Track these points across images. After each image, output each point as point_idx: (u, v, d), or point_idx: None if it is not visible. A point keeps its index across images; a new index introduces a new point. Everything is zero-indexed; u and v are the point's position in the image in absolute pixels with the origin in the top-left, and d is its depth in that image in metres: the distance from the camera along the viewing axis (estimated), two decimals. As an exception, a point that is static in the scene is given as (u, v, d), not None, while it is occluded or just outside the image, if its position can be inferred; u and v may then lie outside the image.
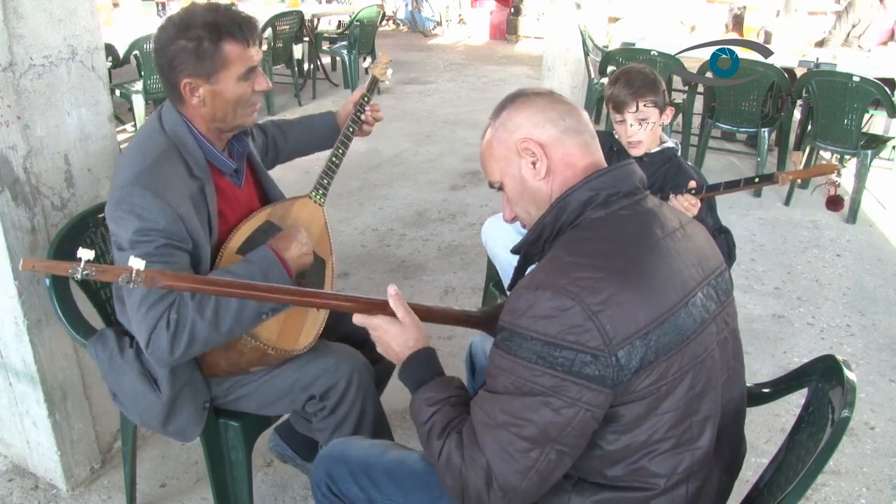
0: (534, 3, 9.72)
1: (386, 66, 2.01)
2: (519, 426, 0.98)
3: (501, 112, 1.17)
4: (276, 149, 1.92)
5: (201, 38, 1.38)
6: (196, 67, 1.40)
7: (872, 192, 4.29)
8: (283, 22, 5.82)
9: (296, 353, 1.56)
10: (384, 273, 3.32)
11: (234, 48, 1.41)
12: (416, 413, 1.13)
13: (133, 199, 1.36)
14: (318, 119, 1.97)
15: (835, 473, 2.15)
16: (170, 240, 1.37)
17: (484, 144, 1.19)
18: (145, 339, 1.35)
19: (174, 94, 1.46)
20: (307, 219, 1.67)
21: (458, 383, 1.17)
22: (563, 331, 0.95)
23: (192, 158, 1.46)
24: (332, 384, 1.57)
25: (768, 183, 1.82)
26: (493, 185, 1.21)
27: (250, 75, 1.45)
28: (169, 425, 1.52)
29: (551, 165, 1.12)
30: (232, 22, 1.40)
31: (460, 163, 4.86)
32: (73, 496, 1.99)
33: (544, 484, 1.02)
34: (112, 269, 1.04)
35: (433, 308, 1.30)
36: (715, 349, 1.08)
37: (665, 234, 1.07)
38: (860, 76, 3.69)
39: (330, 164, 1.77)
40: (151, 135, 1.46)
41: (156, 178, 1.38)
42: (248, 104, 1.49)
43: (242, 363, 1.54)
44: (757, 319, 2.98)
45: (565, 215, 1.09)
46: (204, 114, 1.47)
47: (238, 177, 1.60)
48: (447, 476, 1.05)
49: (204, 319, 1.35)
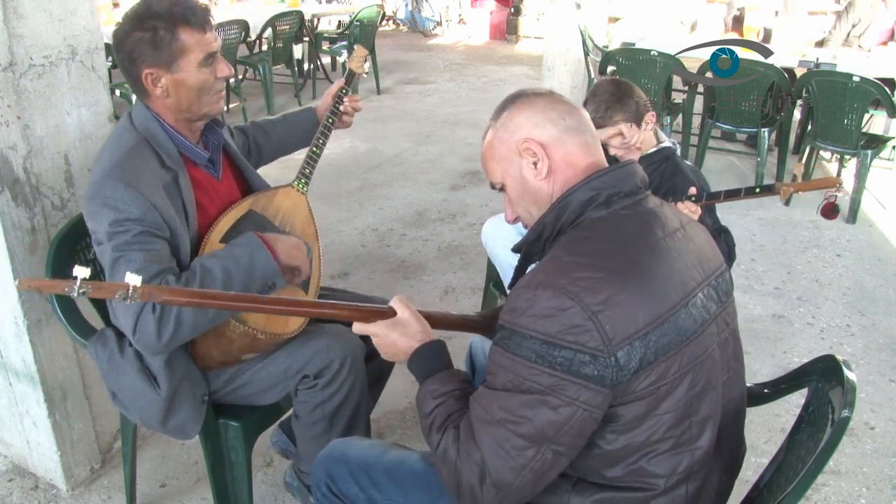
0: (534, 3, 9.72)
1: (363, 60, 2.01)
2: (516, 423, 0.98)
3: (502, 113, 1.17)
4: (259, 148, 1.93)
5: (156, 27, 1.39)
6: (155, 57, 1.41)
7: (872, 192, 4.29)
8: (283, 22, 5.82)
9: (286, 336, 1.56)
10: (384, 273, 3.32)
11: (191, 35, 1.42)
12: (420, 404, 1.14)
13: (105, 191, 1.37)
14: (299, 115, 1.98)
15: (835, 473, 2.15)
16: (146, 227, 1.37)
17: (485, 145, 1.19)
18: (132, 326, 1.35)
19: (138, 88, 1.47)
20: (290, 207, 1.69)
21: (463, 377, 1.17)
22: (562, 330, 0.95)
23: (164, 150, 1.47)
24: (326, 364, 1.59)
25: (769, 194, 1.84)
26: (494, 185, 1.21)
27: (210, 61, 1.46)
28: (168, 422, 1.53)
29: (552, 165, 1.12)
30: (186, 9, 1.41)
31: (460, 163, 4.86)
32: (73, 496, 1.99)
33: (538, 483, 1.02)
34: (108, 287, 1.03)
35: (431, 314, 1.30)
36: (715, 350, 1.08)
37: (666, 235, 1.07)
38: (860, 76, 3.69)
39: (311, 154, 1.78)
40: (122, 133, 1.48)
41: (126, 170, 1.39)
42: (212, 91, 1.50)
43: (234, 350, 1.54)
44: (757, 319, 2.98)
45: (566, 215, 1.09)
46: (169, 104, 1.48)
47: (214, 168, 1.60)
48: (443, 469, 1.06)
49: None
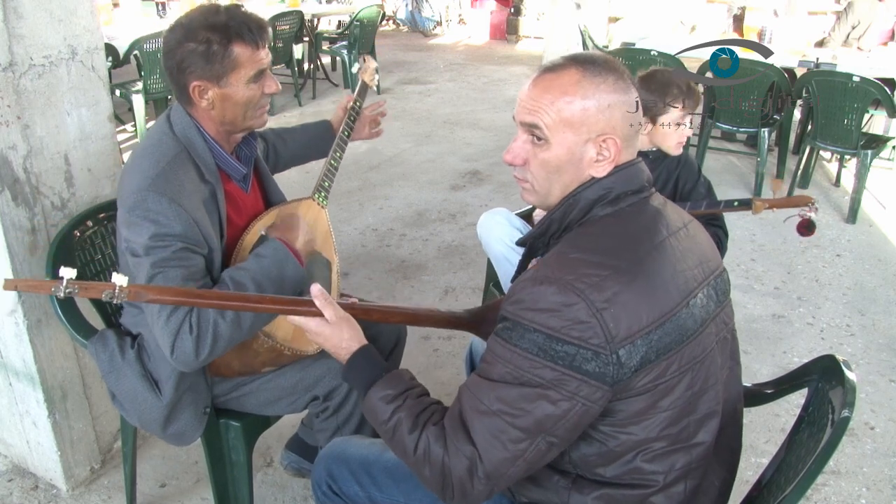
0: (534, 3, 9.72)
1: (374, 72, 2.01)
2: (514, 415, 0.97)
3: (603, 72, 1.03)
4: (277, 155, 1.91)
5: (210, 40, 1.37)
6: (205, 70, 1.39)
7: (872, 192, 4.29)
8: (283, 22, 5.82)
9: (308, 353, 1.56)
10: (384, 273, 3.32)
11: (244, 51, 1.39)
12: (372, 412, 1.10)
13: (148, 204, 1.34)
14: (315, 127, 1.97)
15: (835, 473, 2.15)
16: (186, 244, 1.35)
17: (557, 84, 1.03)
18: (169, 346, 1.33)
19: (183, 97, 1.45)
20: (312, 221, 1.68)
21: (409, 376, 1.15)
22: (566, 325, 0.95)
23: (203, 162, 1.45)
24: (336, 385, 1.57)
25: (745, 209, 1.86)
26: (526, 124, 1.06)
27: (260, 78, 1.44)
28: (168, 428, 1.52)
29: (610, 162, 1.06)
30: (241, 24, 1.39)
31: (460, 163, 4.86)
32: (73, 496, 1.99)
33: (529, 471, 1.02)
34: (95, 286, 1.02)
35: (419, 311, 1.29)
36: (714, 349, 1.08)
37: (670, 234, 1.07)
38: (860, 76, 3.69)
39: (329, 167, 1.77)
40: (162, 138, 1.44)
41: (170, 182, 1.36)
42: (258, 107, 1.48)
43: (256, 364, 1.54)
44: (757, 319, 2.98)
45: (574, 212, 1.08)
46: (213, 116, 1.45)
47: (245, 182, 1.59)
48: (425, 468, 1.03)
49: (226, 319, 1.34)
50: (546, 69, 1.07)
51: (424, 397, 1.12)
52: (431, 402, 1.11)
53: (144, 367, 1.50)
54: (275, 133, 1.93)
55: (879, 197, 4.32)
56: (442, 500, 1.05)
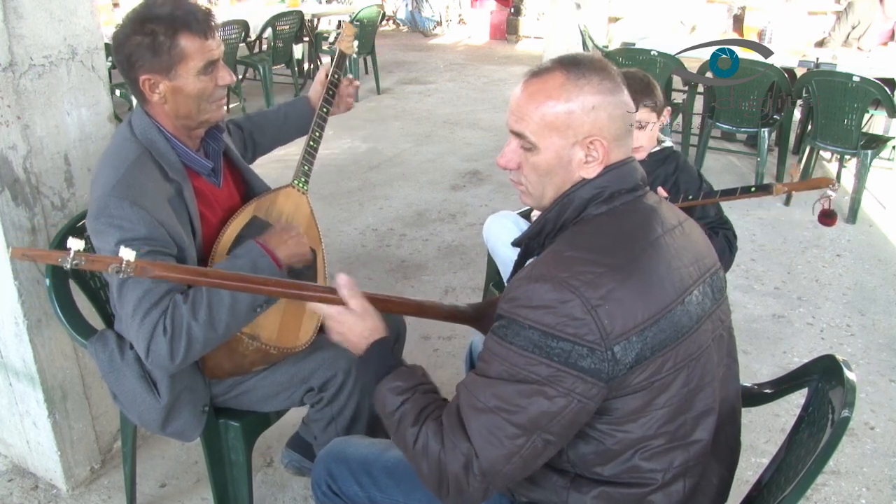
0: (534, 3, 9.71)
1: (351, 39, 1.90)
2: (510, 412, 0.98)
3: (587, 74, 1.04)
4: (255, 143, 1.89)
5: (156, 32, 1.35)
6: (153, 63, 1.37)
7: (872, 192, 4.28)
8: (283, 22, 5.82)
9: (297, 349, 1.57)
10: (384, 273, 3.32)
11: (191, 41, 1.37)
12: (381, 403, 1.11)
13: (111, 210, 1.33)
14: (293, 106, 1.92)
15: (835, 473, 2.15)
16: (153, 246, 1.34)
17: (540, 91, 1.05)
18: (144, 349, 1.34)
19: (136, 93, 1.44)
20: (292, 209, 1.65)
21: (422, 372, 1.16)
22: (561, 322, 0.95)
23: (166, 161, 1.43)
24: (330, 376, 1.58)
25: (764, 193, 1.85)
26: (515, 132, 1.08)
27: (211, 69, 1.42)
28: (167, 428, 1.53)
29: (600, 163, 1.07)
30: (188, 13, 1.37)
31: (460, 163, 4.86)
32: (73, 496, 1.99)
33: (526, 470, 1.02)
34: (102, 259, 1.03)
35: (423, 303, 1.29)
36: (711, 346, 1.08)
37: (665, 231, 1.08)
38: (860, 76, 3.69)
39: (308, 150, 1.73)
40: (123, 143, 1.43)
41: (131, 186, 1.35)
42: (213, 99, 1.45)
43: (246, 364, 1.54)
44: (757, 319, 2.98)
45: (569, 212, 1.08)
46: (167, 111, 1.44)
47: (216, 176, 1.57)
48: (423, 463, 1.04)
49: (199, 321, 1.34)
50: (533, 73, 1.09)
51: (432, 394, 1.12)
52: (438, 398, 1.11)
53: (143, 368, 1.50)
54: (250, 120, 1.89)
55: (879, 197, 4.32)
56: (438, 498, 1.05)
